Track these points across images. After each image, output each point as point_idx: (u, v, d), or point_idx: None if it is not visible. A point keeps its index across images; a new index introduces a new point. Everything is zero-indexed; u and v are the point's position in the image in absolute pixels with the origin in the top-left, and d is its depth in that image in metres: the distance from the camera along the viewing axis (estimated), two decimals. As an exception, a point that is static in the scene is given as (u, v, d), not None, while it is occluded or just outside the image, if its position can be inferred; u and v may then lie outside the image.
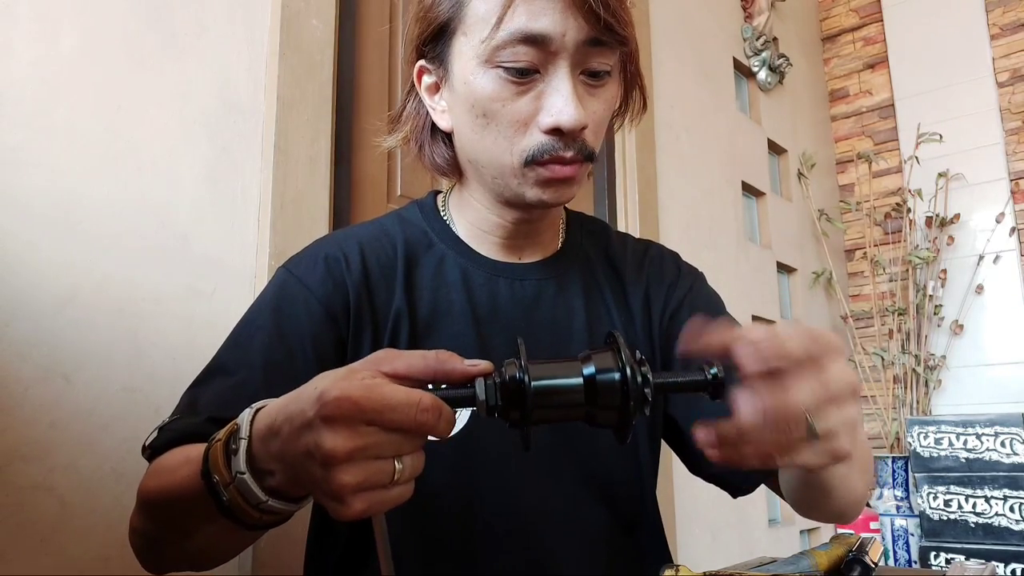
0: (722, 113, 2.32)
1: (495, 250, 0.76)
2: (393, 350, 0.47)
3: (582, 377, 0.46)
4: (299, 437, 0.42)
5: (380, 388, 0.42)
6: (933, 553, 2.10)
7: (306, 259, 0.73)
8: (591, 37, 0.63)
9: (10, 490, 0.79)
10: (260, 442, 0.46)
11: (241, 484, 0.46)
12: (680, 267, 0.85)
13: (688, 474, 0.80)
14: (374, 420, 0.41)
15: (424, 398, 0.43)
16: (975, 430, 2.11)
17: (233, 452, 0.47)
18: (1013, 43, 2.69)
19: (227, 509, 0.47)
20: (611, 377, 0.46)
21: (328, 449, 0.40)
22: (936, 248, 2.68)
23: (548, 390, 0.46)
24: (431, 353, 0.46)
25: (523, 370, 0.46)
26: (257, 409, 0.48)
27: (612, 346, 0.48)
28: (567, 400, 0.46)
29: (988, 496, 2.05)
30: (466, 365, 0.46)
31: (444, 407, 0.44)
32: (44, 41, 0.88)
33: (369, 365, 0.45)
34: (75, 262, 0.87)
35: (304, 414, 0.42)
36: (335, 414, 0.41)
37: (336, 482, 0.41)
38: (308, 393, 0.43)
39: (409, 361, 0.45)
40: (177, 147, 0.99)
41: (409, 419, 0.42)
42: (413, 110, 0.76)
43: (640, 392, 0.45)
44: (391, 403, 0.42)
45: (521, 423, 0.46)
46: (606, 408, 0.46)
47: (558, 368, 0.47)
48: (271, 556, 0.97)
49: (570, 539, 0.69)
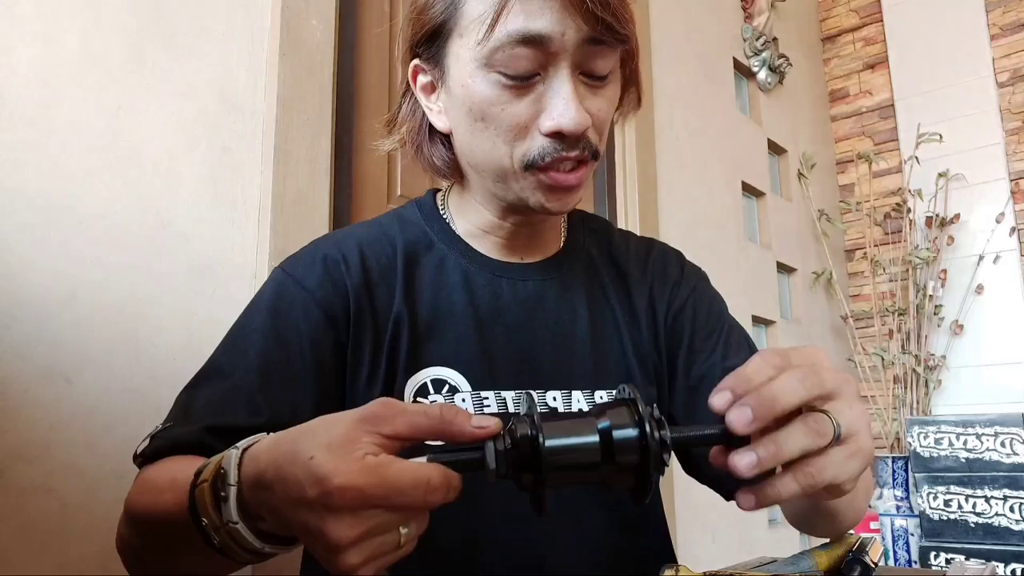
0: (722, 113, 2.32)
1: (496, 250, 0.75)
2: (392, 403, 0.43)
3: (599, 439, 0.43)
4: (297, 511, 0.40)
5: (385, 471, 0.39)
6: (933, 553, 2.10)
7: (304, 260, 0.71)
8: (591, 36, 0.62)
9: (11, 491, 0.79)
10: (250, 490, 0.43)
11: (234, 532, 0.44)
12: (684, 267, 0.84)
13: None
14: (380, 505, 0.40)
15: (432, 478, 0.41)
16: (975, 430, 2.10)
17: (223, 499, 0.44)
18: (1013, 43, 2.69)
19: (219, 549, 0.45)
20: (630, 439, 0.43)
21: (334, 539, 0.39)
22: (936, 248, 2.68)
23: (562, 449, 0.43)
24: (434, 410, 0.43)
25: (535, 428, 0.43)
26: (244, 448, 0.45)
27: (626, 402, 0.45)
28: (583, 465, 0.43)
29: (988, 496, 2.05)
30: (473, 427, 0.43)
31: (453, 479, 0.42)
32: (44, 41, 0.88)
33: (368, 425, 0.41)
34: (75, 262, 0.87)
35: (302, 490, 0.39)
36: (339, 504, 0.39)
37: (343, 564, 0.40)
38: (304, 463, 0.40)
39: (412, 420, 0.42)
40: (177, 147, 0.99)
41: (418, 501, 0.40)
42: (409, 111, 0.74)
43: (659, 452, 0.43)
44: (399, 488, 0.39)
45: (535, 488, 0.44)
46: (624, 471, 0.44)
47: (572, 427, 0.44)
48: (271, 559, 0.97)
49: (570, 540, 0.69)
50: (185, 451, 0.58)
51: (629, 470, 0.44)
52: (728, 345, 0.77)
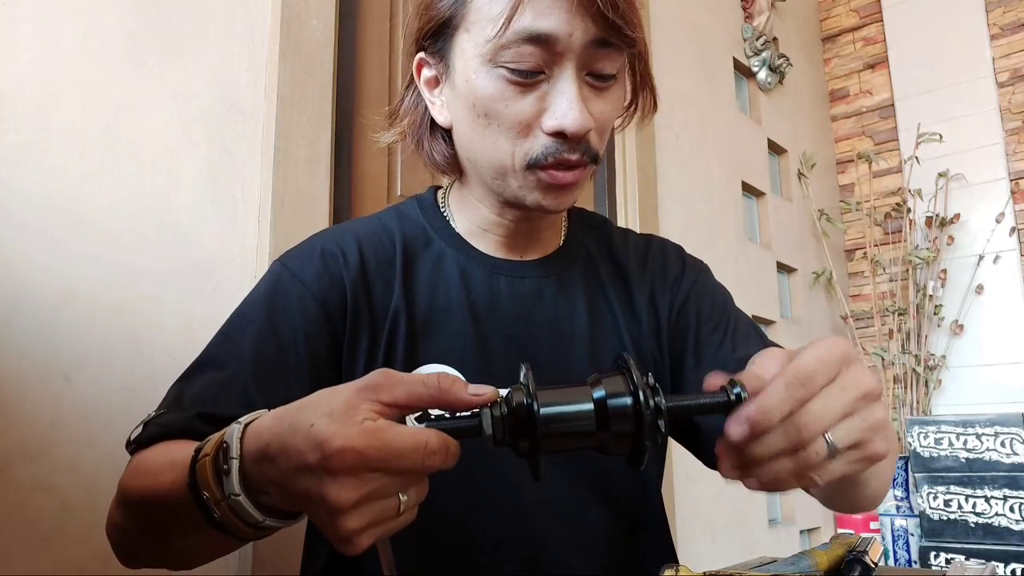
0: (722, 113, 2.32)
1: (495, 247, 0.75)
2: (392, 373, 0.44)
3: (592, 402, 0.44)
4: (298, 478, 0.41)
5: (384, 434, 0.40)
6: (933, 553, 2.10)
7: (302, 254, 0.71)
8: (598, 38, 0.62)
9: (10, 490, 0.79)
10: (253, 463, 0.44)
11: (235, 504, 0.45)
12: (684, 260, 0.84)
13: (688, 474, 0.80)
14: (379, 468, 0.40)
15: (431, 441, 0.41)
16: (975, 430, 2.10)
17: (225, 472, 0.45)
18: (1013, 43, 2.69)
19: (218, 524, 0.46)
20: (623, 402, 0.44)
21: (333, 501, 0.39)
22: (936, 248, 2.68)
23: (558, 417, 0.44)
24: (432, 379, 0.44)
25: (531, 396, 0.44)
26: (246, 423, 0.46)
27: (623, 370, 0.46)
28: (578, 428, 0.44)
29: (988, 496, 2.05)
30: (470, 394, 0.44)
31: (451, 443, 0.42)
32: (44, 41, 0.88)
33: (368, 394, 0.42)
34: (75, 262, 0.87)
35: (303, 457, 0.40)
36: (339, 467, 0.39)
37: (344, 529, 0.40)
38: (305, 431, 0.41)
39: (410, 389, 0.43)
40: (177, 147, 0.99)
41: (416, 464, 0.41)
42: (411, 104, 0.74)
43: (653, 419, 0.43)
44: (397, 450, 0.40)
45: (530, 454, 0.44)
46: (618, 436, 0.44)
47: (567, 394, 0.45)
48: (271, 555, 0.97)
49: (570, 540, 0.69)
50: (178, 437, 0.58)
51: (624, 437, 0.44)
52: (736, 336, 0.77)
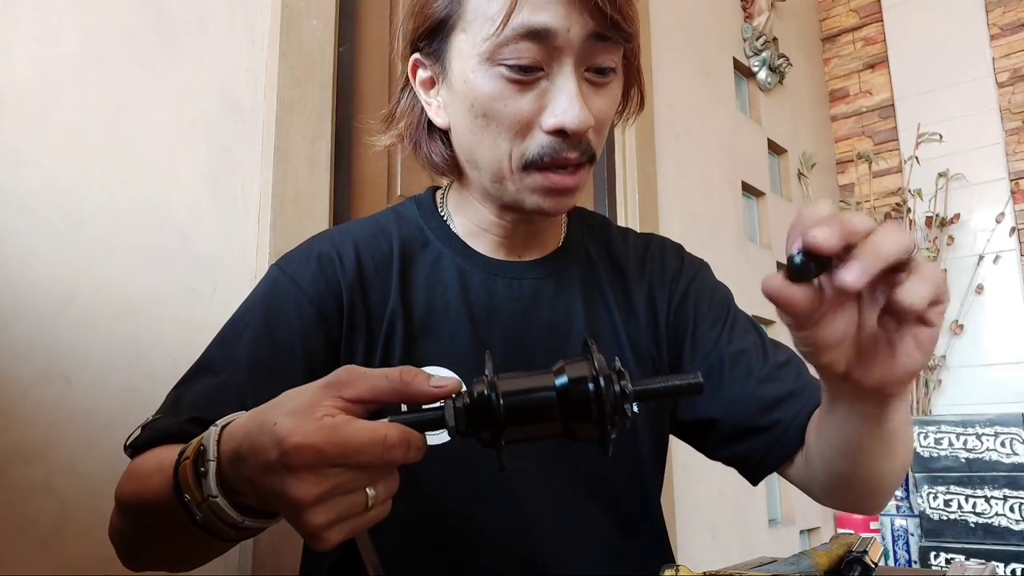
0: (722, 113, 2.32)
1: (494, 248, 0.75)
2: (355, 368, 0.44)
3: (554, 390, 0.43)
4: (263, 476, 0.41)
5: (342, 430, 0.40)
6: (933, 553, 2.10)
7: (299, 257, 0.71)
8: (596, 33, 0.61)
9: (10, 491, 0.79)
10: (229, 465, 0.44)
11: (214, 506, 0.45)
12: (683, 258, 0.83)
13: (688, 473, 0.79)
14: (339, 463, 0.40)
15: (389, 434, 0.41)
16: (975, 430, 2.10)
17: (203, 475, 0.45)
18: (1013, 43, 2.69)
19: (202, 525, 0.46)
20: (584, 389, 0.43)
21: (294, 497, 0.40)
22: (936, 248, 2.68)
23: (519, 405, 0.43)
24: (394, 372, 0.44)
25: (491, 386, 0.43)
26: (223, 426, 0.46)
27: (586, 355, 0.45)
28: (540, 415, 0.44)
29: (988, 496, 2.05)
30: (431, 386, 0.44)
31: (412, 436, 0.42)
32: (45, 41, 0.88)
33: (331, 390, 0.43)
34: (75, 262, 0.87)
35: (266, 454, 0.41)
36: (297, 463, 0.39)
37: (309, 524, 0.40)
38: (269, 429, 0.41)
39: (372, 383, 0.43)
40: (177, 147, 0.99)
41: (376, 458, 0.41)
42: (408, 106, 0.74)
43: (618, 403, 0.43)
44: (355, 445, 0.40)
45: (494, 443, 0.44)
46: (582, 421, 0.44)
47: (528, 381, 0.44)
48: (270, 556, 0.97)
49: (568, 541, 0.69)
50: (173, 441, 0.58)
51: (588, 421, 0.44)
52: (733, 331, 0.77)
